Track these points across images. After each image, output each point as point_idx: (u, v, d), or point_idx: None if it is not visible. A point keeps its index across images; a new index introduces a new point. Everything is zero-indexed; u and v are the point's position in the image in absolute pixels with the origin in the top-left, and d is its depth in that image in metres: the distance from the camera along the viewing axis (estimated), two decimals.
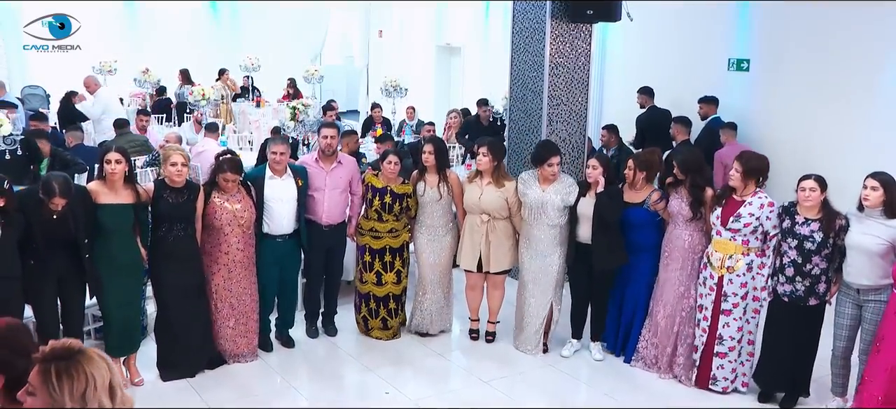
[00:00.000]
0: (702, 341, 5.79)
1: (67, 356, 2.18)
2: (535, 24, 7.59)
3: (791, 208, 5.42)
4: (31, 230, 5.04)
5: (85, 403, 2.13)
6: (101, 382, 2.18)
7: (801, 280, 5.36)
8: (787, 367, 5.57)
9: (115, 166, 5.28)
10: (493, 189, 6.24)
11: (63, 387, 2.14)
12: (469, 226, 6.37)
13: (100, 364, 2.20)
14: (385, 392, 5.80)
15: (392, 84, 12.47)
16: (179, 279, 5.67)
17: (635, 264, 6.09)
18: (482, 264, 6.38)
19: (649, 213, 5.99)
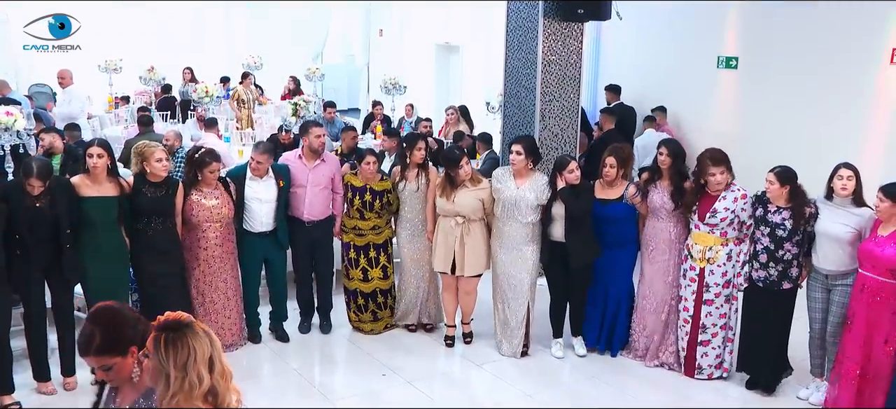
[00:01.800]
0: (686, 331, 5.93)
1: (176, 327, 2.43)
2: (529, 22, 7.82)
3: (763, 196, 5.57)
4: (15, 221, 5.18)
5: (185, 372, 2.37)
6: (202, 355, 2.42)
7: (774, 266, 5.51)
8: (766, 350, 5.71)
9: (96, 160, 5.46)
10: (467, 191, 6.21)
11: (168, 355, 2.38)
12: (442, 229, 6.32)
13: (203, 339, 2.44)
14: (382, 374, 6.05)
15: (391, 82, 12.72)
16: (159, 270, 5.80)
17: (616, 260, 6.16)
18: (455, 268, 6.32)
19: (628, 207, 6.08)
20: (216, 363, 2.45)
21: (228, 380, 2.49)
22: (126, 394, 2.68)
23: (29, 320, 5.47)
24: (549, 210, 6.06)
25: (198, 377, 2.38)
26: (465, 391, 6.00)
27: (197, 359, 2.39)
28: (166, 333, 2.41)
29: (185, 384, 2.36)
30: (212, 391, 2.41)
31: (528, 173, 6.10)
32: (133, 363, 2.58)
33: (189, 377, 2.37)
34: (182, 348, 2.39)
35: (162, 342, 2.39)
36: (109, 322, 2.64)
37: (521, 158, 6.05)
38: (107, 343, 2.59)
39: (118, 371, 2.62)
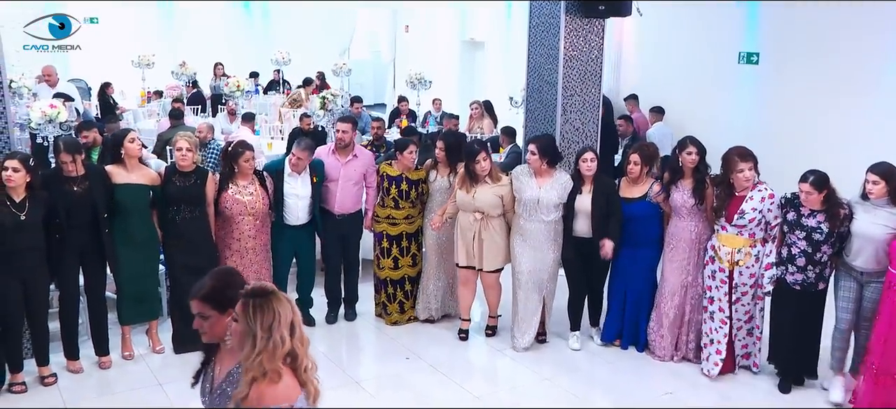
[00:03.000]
0: (725, 332, 5.83)
1: (262, 293, 2.65)
2: (551, 19, 7.99)
3: (795, 199, 5.46)
4: (54, 207, 5.40)
5: (270, 333, 2.58)
6: (285, 318, 2.63)
7: (812, 269, 5.43)
8: (800, 349, 5.68)
9: (129, 145, 5.72)
10: (487, 187, 6.21)
11: (256, 317, 2.60)
12: (461, 223, 6.34)
13: (286, 305, 2.66)
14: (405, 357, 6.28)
15: (417, 77, 12.95)
16: (189, 259, 5.92)
17: (638, 258, 6.13)
18: (475, 262, 6.36)
19: (651, 206, 6.03)
20: (296, 328, 2.67)
21: (306, 346, 2.71)
22: (224, 361, 2.92)
23: (64, 302, 5.71)
24: (571, 205, 6.11)
25: (280, 339, 2.59)
26: (485, 374, 6.18)
27: (280, 322, 2.61)
28: (254, 298, 2.63)
29: (269, 344, 2.57)
30: (291, 353, 2.63)
31: (548, 172, 6.11)
32: (227, 324, 2.81)
33: (273, 337, 2.58)
34: (267, 311, 2.60)
35: (250, 306, 2.61)
36: (222, 278, 2.91)
37: (535, 157, 6.05)
38: (213, 295, 2.85)
39: (212, 326, 2.87)
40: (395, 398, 5.66)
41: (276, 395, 2.57)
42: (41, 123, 7.11)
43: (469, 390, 5.80)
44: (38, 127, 7.17)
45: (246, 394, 2.56)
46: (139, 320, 6.14)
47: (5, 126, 5.63)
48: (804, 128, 9.11)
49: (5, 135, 5.63)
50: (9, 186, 5.14)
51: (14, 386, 5.45)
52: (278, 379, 2.57)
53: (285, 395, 2.59)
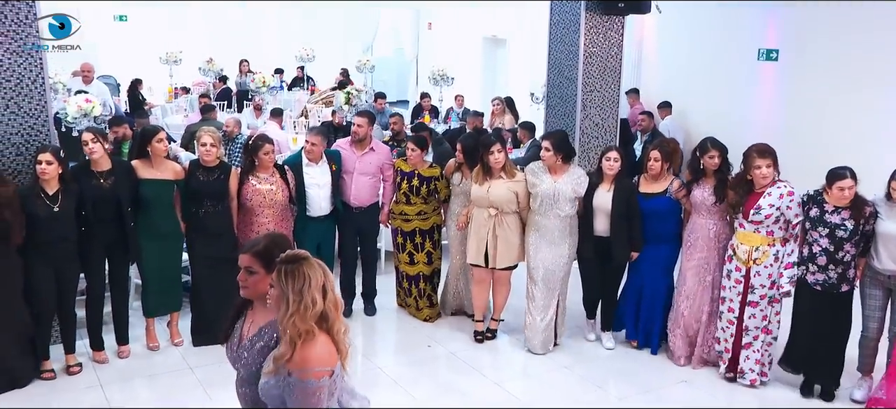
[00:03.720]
0: (730, 333, 5.77)
1: (294, 259, 2.83)
2: (571, 16, 8.13)
3: (818, 196, 5.35)
4: (82, 201, 5.54)
5: (301, 296, 2.75)
6: (315, 282, 2.80)
7: (833, 268, 5.30)
8: (820, 354, 5.54)
9: (156, 144, 5.85)
10: (502, 182, 6.21)
11: (287, 281, 2.77)
12: (475, 220, 6.31)
13: (317, 270, 2.83)
14: (427, 346, 6.46)
15: (439, 73, 13.12)
16: (211, 252, 6.06)
17: (655, 255, 6.11)
18: (488, 260, 6.33)
19: (672, 202, 6.00)
20: (328, 292, 2.84)
21: (339, 309, 2.88)
22: (256, 318, 3.12)
23: (90, 292, 5.85)
24: (589, 203, 6.10)
25: (311, 301, 2.76)
26: (506, 361, 6.32)
27: (311, 285, 2.78)
28: (286, 264, 2.81)
29: (300, 306, 2.75)
30: (324, 315, 2.80)
31: (563, 167, 6.10)
32: (269, 284, 2.98)
33: (304, 300, 2.75)
34: (298, 275, 2.78)
35: (282, 271, 2.80)
36: (274, 241, 3.11)
37: (549, 154, 6.04)
38: (263, 253, 3.04)
39: (256, 282, 3.06)
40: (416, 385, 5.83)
41: (320, 356, 2.76)
42: (77, 117, 7.35)
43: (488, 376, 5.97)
44: (73, 121, 7.42)
45: (289, 355, 2.73)
46: (162, 312, 6.30)
47: (46, 120, 5.84)
48: (824, 125, 9.13)
49: (46, 128, 5.83)
50: (43, 179, 5.32)
51: (44, 373, 5.61)
52: (312, 338, 2.75)
53: (326, 356, 2.78)
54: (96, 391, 5.53)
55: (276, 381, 2.80)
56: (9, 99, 5.66)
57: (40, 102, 5.79)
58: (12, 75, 5.64)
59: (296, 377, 2.74)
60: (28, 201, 5.28)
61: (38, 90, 5.76)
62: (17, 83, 5.67)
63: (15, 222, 5.17)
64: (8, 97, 5.66)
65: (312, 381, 2.74)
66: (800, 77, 9.55)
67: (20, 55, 5.64)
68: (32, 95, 5.74)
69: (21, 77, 5.67)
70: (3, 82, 5.62)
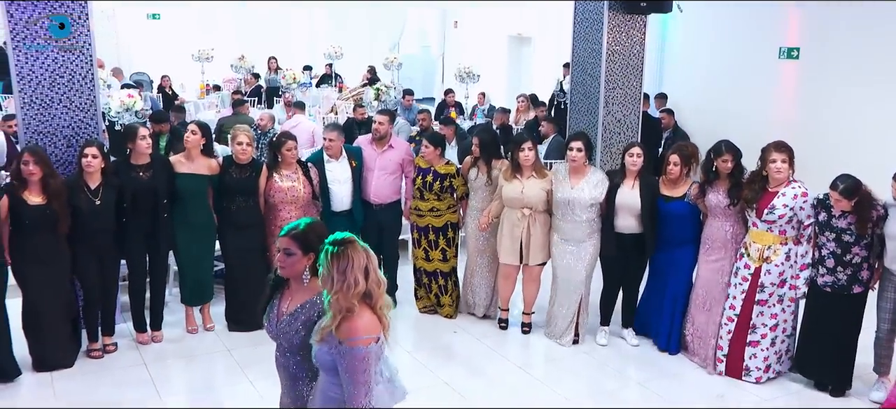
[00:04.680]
0: (729, 329, 5.81)
1: (340, 243, 3.09)
2: (595, 15, 8.35)
3: (827, 200, 5.34)
4: (122, 193, 5.82)
5: (344, 276, 3.02)
6: (358, 264, 3.05)
7: (842, 270, 5.34)
8: (831, 355, 5.56)
9: (190, 136, 6.15)
10: (535, 181, 6.29)
11: (332, 262, 3.05)
12: (508, 220, 6.36)
13: (360, 252, 3.09)
14: (453, 331, 6.71)
15: (465, 71, 13.38)
16: (242, 244, 6.32)
17: (677, 258, 6.11)
18: (522, 257, 6.41)
19: (690, 206, 6.00)
20: (371, 272, 3.11)
21: (381, 287, 3.15)
22: (294, 296, 3.40)
23: (132, 279, 6.17)
24: (612, 201, 6.13)
25: (354, 281, 3.04)
26: (527, 345, 6.54)
27: (354, 267, 3.05)
28: (332, 246, 3.10)
29: (343, 285, 3.03)
30: (366, 293, 3.09)
31: (583, 171, 6.15)
32: (306, 265, 3.30)
33: (347, 279, 3.03)
34: (342, 257, 3.06)
35: (328, 253, 3.07)
36: (313, 227, 3.38)
37: (581, 155, 6.10)
38: (302, 236, 3.31)
39: (294, 263, 3.31)
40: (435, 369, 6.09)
41: (366, 327, 3.05)
42: (119, 111, 7.70)
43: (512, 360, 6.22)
44: (116, 115, 7.77)
45: (333, 327, 3.03)
46: (197, 300, 6.54)
47: (95, 114, 6.17)
48: (844, 123, 9.23)
49: (94, 121, 6.17)
50: (87, 172, 5.62)
51: (92, 352, 5.96)
52: (356, 314, 3.03)
53: (369, 327, 3.06)
54: (140, 369, 5.87)
55: (328, 349, 3.09)
56: (61, 94, 6.01)
57: (90, 97, 6.12)
58: (65, 72, 5.99)
59: (346, 345, 3.03)
60: (72, 194, 5.58)
61: (88, 86, 6.10)
62: (69, 79, 6.01)
63: (62, 213, 5.48)
64: (61, 92, 6.00)
65: (360, 348, 3.03)
66: (820, 75, 9.68)
67: (72, 52, 5.98)
68: (83, 90, 6.08)
69: (73, 73, 6.02)
70: (56, 78, 5.97)
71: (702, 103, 11.06)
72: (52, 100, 5.99)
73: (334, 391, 3.14)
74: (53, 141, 6.04)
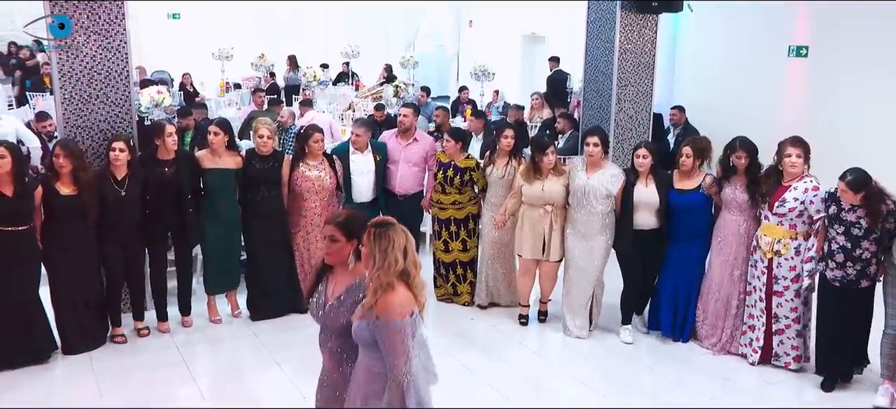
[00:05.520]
0: (762, 321, 5.91)
1: (382, 224, 3.34)
2: (607, 14, 8.60)
3: (837, 194, 5.35)
4: (146, 186, 6.07)
5: (385, 255, 3.26)
6: (398, 244, 3.30)
7: (851, 265, 5.33)
8: (847, 350, 5.58)
9: (213, 137, 6.33)
10: (554, 179, 6.43)
11: (374, 241, 3.29)
12: (528, 218, 6.50)
13: (400, 233, 3.32)
14: (470, 318, 6.97)
15: (480, 69, 13.64)
16: (266, 234, 6.53)
17: (690, 251, 6.21)
18: (544, 252, 6.53)
19: (704, 197, 6.11)
20: (409, 253, 3.36)
21: (418, 267, 3.40)
22: (339, 281, 3.64)
23: (154, 269, 6.40)
24: (630, 199, 6.22)
25: (394, 259, 3.29)
26: (541, 332, 6.77)
27: (394, 247, 3.30)
28: (375, 227, 3.36)
29: (384, 263, 3.28)
30: (404, 272, 3.33)
31: (600, 164, 6.29)
32: (350, 251, 3.56)
33: (388, 258, 3.27)
34: (383, 237, 3.30)
35: (372, 234, 3.32)
36: (354, 214, 3.65)
37: (599, 149, 6.23)
38: (344, 224, 3.55)
39: (339, 249, 3.56)
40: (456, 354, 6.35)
41: (402, 301, 3.29)
42: (149, 107, 8.00)
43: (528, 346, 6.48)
44: (146, 110, 8.07)
45: (372, 302, 3.27)
46: (222, 289, 6.79)
47: (129, 109, 6.47)
48: (853, 120, 9.37)
49: (129, 116, 6.46)
50: (115, 165, 5.88)
51: (116, 338, 6.21)
52: (393, 289, 3.27)
53: (404, 302, 3.30)
54: (172, 350, 6.17)
55: (367, 324, 3.32)
56: (99, 90, 6.31)
57: (125, 93, 6.42)
58: (102, 68, 6.29)
59: (383, 319, 3.26)
60: (100, 185, 5.86)
61: (123, 82, 6.40)
62: (106, 76, 6.31)
63: (91, 205, 5.76)
64: (98, 88, 6.30)
65: (397, 321, 3.26)
66: (829, 73, 9.84)
67: (109, 50, 6.28)
68: (118, 86, 6.38)
69: (110, 70, 6.31)
70: (94, 75, 6.27)
71: (712, 101, 11.19)
72: (90, 96, 6.29)
73: (375, 365, 3.37)
74: (91, 135, 6.34)
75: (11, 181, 5.47)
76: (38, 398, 5.45)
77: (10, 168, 5.43)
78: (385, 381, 3.33)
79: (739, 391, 5.75)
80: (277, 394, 5.47)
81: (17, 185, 5.49)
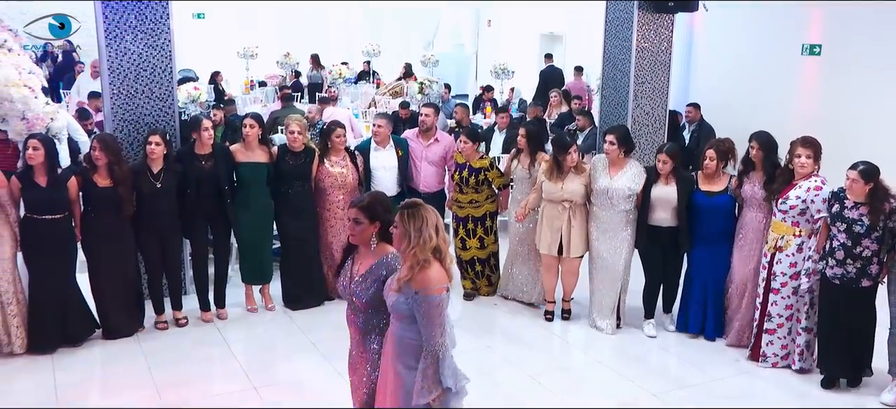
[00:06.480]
0: (755, 315, 6.07)
1: (414, 205, 3.58)
2: (625, 14, 8.90)
3: (841, 192, 5.41)
4: (186, 178, 6.30)
5: (420, 232, 3.50)
6: (430, 222, 3.52)
7: (851, 263, 5.35)
8: (846, 350, 5.58)
9: (248, 130, 6.57)
10: (574, 177, 6.53)
11: (409, 220, 3.53)
12: (547, 214, 6.61)
13: (431, 212, 3.56)
14: (494, 304, 7.29)
15: (500, 67, 13.96)
16: (298, 226, 6.77)
17: (718, 251, 6.28)
18: (562, 249, 6.63)
19: (731, 199, 6.21)
20: (440, 230, 3.62)
21: (447, 245, 3.65)
22: (363, 260, 3.93)
23: (195, 260, 6.66)
24: (647, 196, 6.35)
25: (428, 236, 3.51)
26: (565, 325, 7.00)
27: (427, 224, 3.53)
28: (408, 208, 3.58)
29: (419, 240, 3.50)
30: (437, 249, 3.59)
31: (621, 163, 6.40)
32: (372, 233, 3.84)
33: (423, 235, 3.51)
34: (416, 216, 3.54)
35: (405, 214, 3.56)
36: (376, 197, 3.93)
37: (614, 148, 6.33)
38: (369, 207, 3.81)
39: (362, 231, 3.81)
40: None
41: (438, 276, 3.54)
42: (186, 102, 8.38)
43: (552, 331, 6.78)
44: (183, 106, 8.45)
45: (409, 277, 3.53)
46: (257, 280, 6.99)
47: (172, 105, 6.83)
48: (865, 119, 9.53)
49: (172, 111, 6.83)
50: (151, 158, 6.17)
51: (158, 324, 6.54)
52: (429, 266, 3.54)
53: (439, 278, 3.56)
54: (213, 332, 6.55)
55: (405, 299, 3.57)
56: (144, 86, 6.69)
57: (168, 89, 6.79)
58: (147, 66, 6.67)
59: (422, 294, 3.50)
60: (136, 178, 6.16)
61: (167, 79, 6.77)
62: (151, 73, 6.69)
63: (127, 197, 6.07)
64: (144, 85, 6.68)
65: (435, 295, 3.52)
66: (842, 72, 10.03)
67: (154, 48, 6.66)
68: (162, 82, 6.75)
69: (154, 67, 6.69)
70: (140, 72, 6.65)
71: (727, 98, 11.42)
72: (137, 91, 6.66)
73: (410, 335, 3.62)
74: (136, 129, 6.71)
75: (45, 172, 5.79)
76: (92, 372, 5.87)
77: (42, 159, 5.75)
78: (418, 350, 3.59)
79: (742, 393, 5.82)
80: (315, 370, 5.82)
81: (50, 175, 5.82)
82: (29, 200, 5.81)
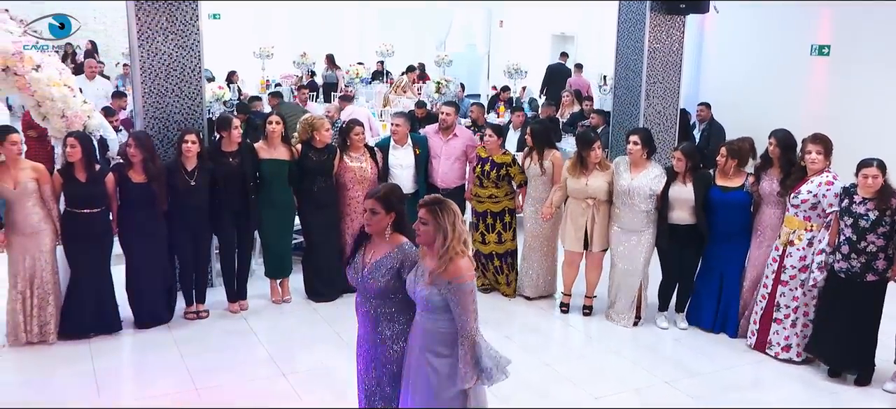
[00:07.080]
0: (761, 306, 6.18)
1: (440, 201, 3.67)
2: (637, 15, 9.08)
3: (852, 188, 5.53)
4: (215, 175, 6.48)
5: (454, 226, 3.58)
6: (459, 214, 3.64)
7: (856, 257, 5.47)
8: (846, 342, 5.67)
9: (274, 127, 6.80)
10: (598, 174, 6.67)
11: (445, 216, 3.61)
12: (571, 211, 6.77)
13: (455, 206, 3.65)
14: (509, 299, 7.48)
15: (514, 67, 14.19)
16: (322, 220, 6.98)
17: (734, 248, 6.41)
18: (587, 244, 6.80)
19: (748, 196, 6.32)
20: (463, 222, 3.69)
21: (468, 236, 3.82)
22: (376, 250, 3.97)
23: (223, 253, 6.88)
24: (666, 195, 6.44)
25: (462, 228, 3.63)
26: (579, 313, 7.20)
27: (458, 217, 3.65)
28: (436, 204, 3.68)
29: (455, 232, 3.61)
30: (465, 241, 3.68)
31: (643, 164, 6.52)
32: (388, 223, 3.92)
33: (457, 228, 3.63)
34: (447, 211, 3.64)
35: (436, 210, 3.64)
36: (391, 188, 4.08)
37: (638, 148, 6.45)
38: (385, 197, 3.92)
39: (377, 221, 3.89)
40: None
41: (468, 265, 3.70)
42: (211, 101, 8.63)
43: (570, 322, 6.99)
44: (209, 104, 8.69)
45: (443, 269, 3.61)
46: (279, 274, 7.18)
47: (201, 103, 7.07)
48: (874, 118, 9.66)
49: (200, 109, 7.07)
50: (186, 156, 6.38)
51: (187, 314, 6.75)
52: (460, 257, 3.69)
53: (469, 267, 3.72)
54: (240, 321, 6.81)
55: (438, 290, 3.66)
56: (174, 85, 6.93)
57: (197, 88, 7.04)
58: (177, 65, 6.91)
59: (455, 283, 3.63)
60: (171, 175, 6.38)
61: (196, 78, 7.02)
62: (180, 72, 6.93)
63: (161, 193, 6.30)
64: (174, 83, 6.93)
65: (468, 283, 3.68)
66: (850, 71, 10.17)
67: (184, 49, 6.91)
68: (191, 81, 7.00)
69: (184, 66, 6.94)
70: (170, 71, 6.89)
71: (737, 98, 11.57)
72: (167, 90, 6.91)
73: (441, 326, 3.72)
74: (166, 126, 6.96)
75: (83, 168, 6.04)
76: (128, 359, 6.15)
77: (80, 156, 6.00)
78: (448, 338, 3.73)
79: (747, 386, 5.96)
80: (339, 356, 6.03)
81: (89, 171, 6.07)
82: (69, 195, 6.07)
